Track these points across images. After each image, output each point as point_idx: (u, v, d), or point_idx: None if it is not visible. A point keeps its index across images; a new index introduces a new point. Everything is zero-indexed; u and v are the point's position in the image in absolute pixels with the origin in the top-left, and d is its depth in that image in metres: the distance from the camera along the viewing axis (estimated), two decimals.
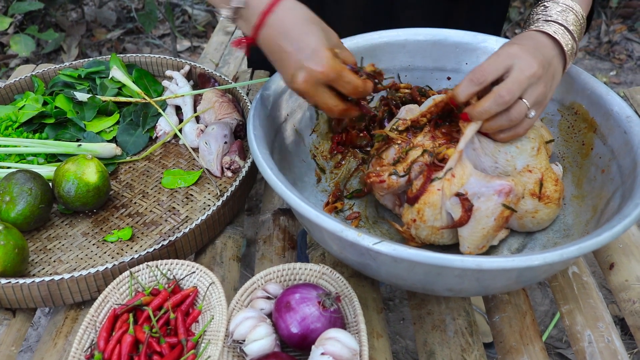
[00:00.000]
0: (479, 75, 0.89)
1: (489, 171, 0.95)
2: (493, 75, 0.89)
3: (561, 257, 0.77)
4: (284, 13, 0.89)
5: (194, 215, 1.09)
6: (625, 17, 3.52)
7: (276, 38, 0.89)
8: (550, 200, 0.97)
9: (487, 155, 0.95)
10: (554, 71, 0.92)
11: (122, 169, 1.20)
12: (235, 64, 2.14)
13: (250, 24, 0.91)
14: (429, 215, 0.94)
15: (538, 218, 0.98)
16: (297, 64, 0.87)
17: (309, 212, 0.82)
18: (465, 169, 0.91)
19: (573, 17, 0.96)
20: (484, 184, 0.90)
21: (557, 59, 0.94)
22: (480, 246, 0.94)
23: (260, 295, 0.90)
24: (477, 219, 0.91)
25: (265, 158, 0.90)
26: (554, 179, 0.97)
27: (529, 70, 0.87)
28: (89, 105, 1.27)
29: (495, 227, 0.92)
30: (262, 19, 0.89)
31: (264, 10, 0.89)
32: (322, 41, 0.88)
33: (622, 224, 0.81)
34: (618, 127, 1.01)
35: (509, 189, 0.90)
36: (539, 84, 0.89)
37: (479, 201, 0.90)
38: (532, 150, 0.95)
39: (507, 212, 0.91)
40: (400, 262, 0.81)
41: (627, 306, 0.98)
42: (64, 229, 1.08)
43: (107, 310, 0.91)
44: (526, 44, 0.91)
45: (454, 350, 0.92)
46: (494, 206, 0.90)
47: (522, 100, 0.88)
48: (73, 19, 3.44)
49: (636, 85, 3.08)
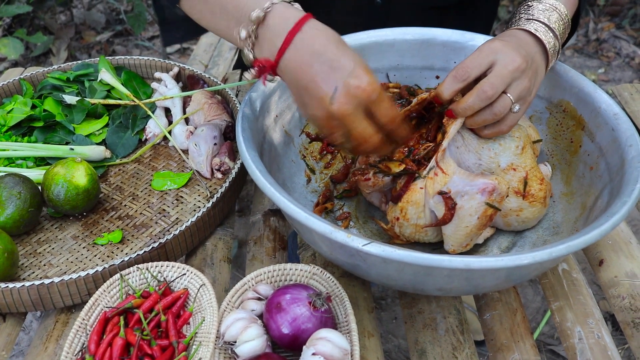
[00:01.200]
0: (462, 72, 0.89)
1: (473, 169, 0.96)
2: (476, 71, 0.89)
3: (550, 255, 0.77)
4: (313, 32, 0.82)
5: (184, 217, 1.09)
6: (612, 15, 3.53)
7: (306, 58, 0.81)
8: (535, 199, 0.97)
9: (470, 152, 0.95)
10: (537, 67, 0.93)
11: (111, 171, 1.20)
12: (225, 66, 2.14)
13: (274, 47, 0.83)
14: (412, 213, 0.94)
15: (523, 217, 0.99)
16: (334, 83, 0.79)
17: (299, 213, 0.82)
18: (448, 167, 0.92)
19: (556, 16, 0.96)
20: (468, 182, 0.90)
21: (540, 56, 0.94)
22: (464, 244, 0.94)
23: (251, 297, 0.90)
24: (460, 218, 0.91)
25: (254, 160, 0.90)
26: (540, 178, 0.97)
27: (512, 64, 0.87)
28: (78, 108, 1.27)
29: (478, 226, 0.92)
30: (288, 39, 0.82)
31: (290, 30, 0.82)
32: (359, 60, 0.81)
33: (610, 221, 0.82)
34: (606, 124, 1.01)
35: (493, 188, 0.90)
36: (523, 78, 0.89)
37: (463, 199, 0.91)
38: (516, 149, 0.95)
39: (491, 210, 0.91)
40: (390, 263, 0.81)
41: (616, 302, 0.99)
42: (53, 233, 1.07)
43: (97, 314, 0.91)
44: (509, 40, 0.92)
45: (445, 348, 0.93)
46: (477, 205, 0.90)
47: (506, 94, 0.88)
48: (62, 22, 3.43)
49: (624, 83, 3.10)
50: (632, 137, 0.96)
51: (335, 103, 0.79)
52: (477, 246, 1.03)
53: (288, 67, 0.83)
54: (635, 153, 0.93)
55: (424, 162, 0.94)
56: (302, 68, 0.81)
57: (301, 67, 0.81)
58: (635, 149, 0.94)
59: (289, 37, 0.82)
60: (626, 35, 3.39)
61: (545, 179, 0.99)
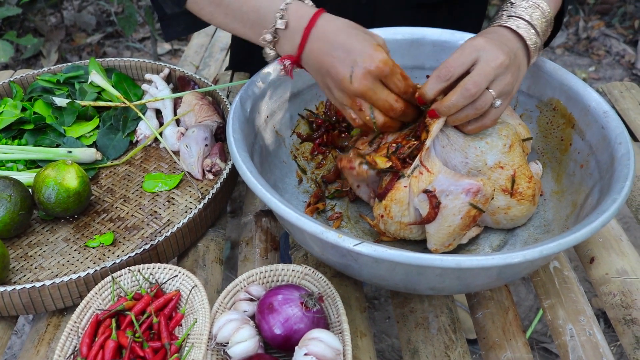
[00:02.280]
0: (445, 72, 0.90)
1: (460, 167, 0.96)
2: (460, 70, 0.89)
3: (541, 253, 0.78)
4: (326, 25, 0.92)
5: (176, 218, 1.09)
6: (602, 14, 3.55)
7: (323, 48, 0.91)
8: (523, 197, 0.97)
9: (456, 150, 0.96)
10: (520, 63, 0.94)
11: (102, 173, 1.20)
12: (216, 67, 2.14)
13: (294, 43, 0.93)
14: (396, 211, 0.94)
15: (511, 215, 0.99)
16: (350, 64, 0.88)
17: (290, 214, 0.82)
18: (434, 166, 0.92)
19: (539, 14, 0.97)
20: (453, 182, 0.90)
21: (522, 52, 0.95)
22: (447, 244, 0.95)
23: (243, 298, 0.90)
24: (444, 217, 0.91)
25: (244, 161, 0.90)
26: (528, 177, 0.98)
27: (495, 61, 0.88)
28: (68, 110, 1.26)
29: (461, 226, 0.92)
30: (305, 34, 0.92)
31: (306, 26, 0.92)
32: (370, 40, 0.90)
33: (600, 219, 0.82)
34: (595, 122, 1.02)
35: (477, 189, 0.90)
36: (506, 74, 0.90)
37: (447, 199, 0.91)
38: (503, 147, 0.96)
39: (474, 211, 0.91)
40: (381, 263, 0.81)
41: (607, 299, 0.99)
42: (44, 236, 1.07)
43: (89, 316, 0.91)
44: (491, 36, 0.93)
45: (437, 347, 0.93)
46: (461, 205, 0.91)
47: (488, 90, 0.89)
48: (52, 24, 3.42)
49: (614, 81, 3.11)
50: (622, 135, 0.96)
51: (354, 81, 0.88)
52: (468, 245, 1.03)
53: (309, 59, 0.93)
54: (625, 151, 0.94)
55: (409, 160, 0.94)
56: (320, 57, 0.91)
57: (320, 57, 0.91)
58: (624, 147, 0.94)
59: (306, 33, 0.92)
60: (616, 34, 3.41)
61: (534, 177, 0.99)
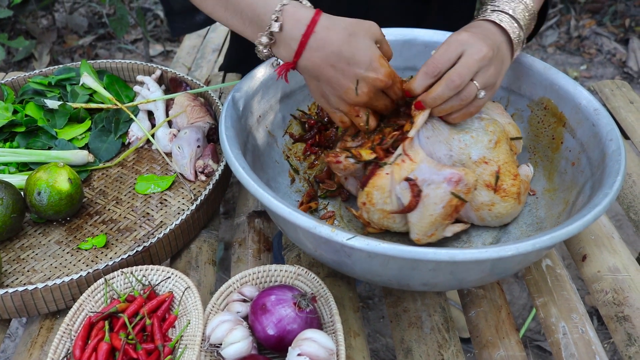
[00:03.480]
0: (432, 68, 0.91)
1: (444, 159, 0.96)
2: (446, 65, 0.91)
3: (534, 246, 0.78)
4: (325, 33, 0.88)
5: (169, 220, 1.09)
6: (593, 12, 3.56)
7: (323, 58, 0.88)
8: (507, 194, 0.98)
9: (441, 142, 0.96)
10: (503, 56, 0.95)
11: (95, 175, 1.20)
12: (208, 68, 2.14)
13: (291, 49, 0.89)
14: (378, 198, 0.95)
15: (495, 212, 0.99)
16: (354, 76, 0.89)
17: (282, 209, 0.82)
18: (417, 155, 0.93)
19: (522, 7, 0.98)
20: (435, 171, 0.91)
21: (505, 45, 0.96)
22: (429, 234, 0.95)
23: (236, 299, 0.90)
24: (425, 205, 0.92)
25: (237, 158, 0.90)
26: (513, 174, 0.98)
27: (479, 54, 0.90)
28: (60, 113, 1.26)
29: (443, 215, 0.93)
30: (303, 42, 0.88)
31: (303, 33, 0.88)
32: (370, 50, 0.89)
33: (593, 213, 0.83)
34: (586, 120, 1.02)
35: (459, 178, 0.91)
36: (490, 66, 0.91)
37: (429, 188, 0.91)
38: (488, 143, 0.96)
39: (456, 200, 0.92)
40: (375, 257, 0.81)
41: (600, 296, 0.99)
42: (37, 238, 1.07)
43: (82, 319, 0.91)
44: (475, 31, 0.94)
45: (430, 346, 0.93)
46: (442, 194, 0.91)
47: (472, 82, 0.91)
48: (44, 26, 3.41)
49: (606, 79, 3.12)
50: (612, 132, 0.97)
51: (361, 95, 0.90)
52: (461, 242, 1.03)
53: (307, 67, 0.90)
54: (616, 147, 0.94)
55: (392, 150, 0.95)
56: (320, 67, 0.89)
57: (320, 67, 0.89)
58: (615, 143, 0.95)
59: (304, 40, 0.88)
60: (607, 32, 3.42)
61: (519, 176, 0.99)
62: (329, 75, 0.89)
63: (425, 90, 0.93)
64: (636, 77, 3.12)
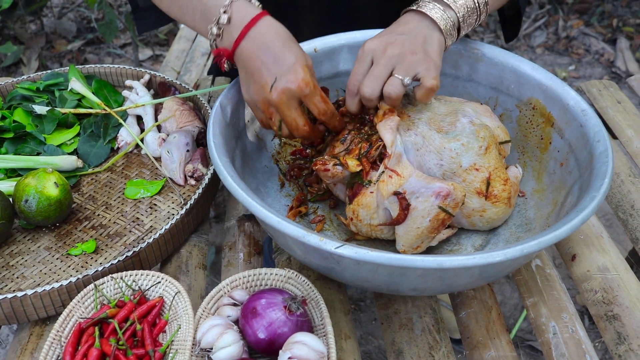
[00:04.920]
0: (352, 87, 0.96)
1: (435, 169, 0.96)
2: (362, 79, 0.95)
3: (521, 252, 0.78)
4: (265, 28, 0.94)
5: (158, 224, 1.08)
6: (581, 13, 3.58)
7: (255, 50, 0.93)
8: (498, 199, 0.98)
9: (431, 152, 0.96)
10: (425, 37, 0.95)
11: (84, 181, 1.19)
12: (197, 72, 2.14)
13: (231, 38, 0.95)
14: (364, 215, 0.96)
15: (487, 217, 0.99)
16: (275, 74, 0.92)
17: (271, 218, 0.82)
18: (404, 170, 0.93)
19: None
20: (424, 184, 0.91)
21: (427, 28, 0.96)
22: (415, 246, 0.95)
23: (226, 303, 0.90)
24: (412, 218, 0.92)
25: (225, 166, 0.90)
26: (503, 179, 0.98)
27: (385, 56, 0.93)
28: (49, 118, 1.25)
29: (430, 229, 0.93)
30: (243, 32, 0.94)
31: (246, 24, 0.94)
32: (300, 58, 0.93)
33: (580, 216, 0.83)
34: (574, 120, 1.02)
35: (447, 193, 0.91)
36: (405, 57, 0.92)
37: (417, 201, 0.92)
38: (479, 149, 0.96)
39: (443, 215, 0.92)
40: (363, 265, 0.81)
41: (589, 296, 1.00)
42: (26, 245, 1.06)
43: (72, 325, 0.90)
44: (383, 32, 0.97)
45: (421, 348, 0.93)
46: (430, 207, 0.92)
47: (394, 76, 0.92)
48: (32, 31, 3.40)
49: (594, 79, 3.14)
50: (600, 133, 0.97)
51: (273, 92, 0.92)
52: (451, 245, 1.03)
53: (241, 56, 0.95)
54: (603, 148, 0.94)
55: (379, 163, 0.95)
56: (251, 57, 0.94)
57: (251, 57, 0.94)
58: (603, 144, 0.95)
59: (244, 31, 0.94)
60: (595, 32, 3.44)
61: (509, 180, 0.99)
62: (255, 66, 0.93)
63: (359, 107, 0.97)
64: (624, 77, 3.13)
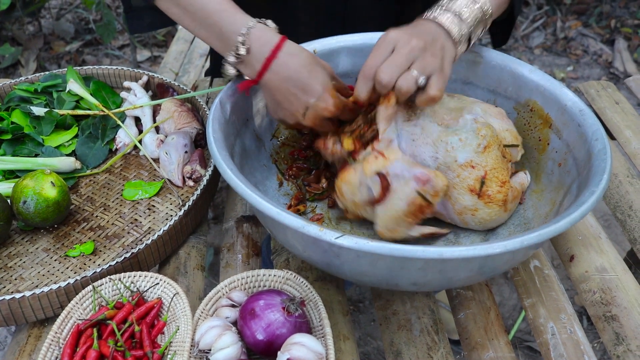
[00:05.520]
0: (368, 72, 0.93)
1: (429, 161, 0.97)
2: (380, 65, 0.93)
3: (522, 244, 0.78)
4: (287, 59, 0.96)
5: (157, 226, 1.08)
6: (579, 14, 3.58)
7: (282, 81, 0.97)
8: (491, 200, 0.98)
9: (428, 144, 0.97)
10: (443, 45, 0.95)
11: (82, 182, 1.19)
12: (196, 73, 2.14)
13: (254, 69, 0.98)
14: (346, 191, 0.99)
15: (479, 217, 0.99)
16: (305, 104, 0.97)
17: (270, 209, 0.82)
18: (391, 154, 0.94)
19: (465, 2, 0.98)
20: (407, 168, 0.93)
21: (443, 37, 0.96)
22: (390, 228, 0.96)
23: (224, 304, 0.90)
24: (391, 199, 0.94)
25: (225, 160, 0.90)
26: (501, 181, 0.98)
27: (407, 46, 0.91)
28: (47, 120, 1.25)
29: (407, 213, 0.94)
30: (265, 65, 0.96)
31: (267, 57, 0.96)
32: (326, 83, 0.97)
33: (580, 210, 0.83)
34: (572, 120, 1.03)
35: (427, 178, 0.92)
36: (425, 54, 0.92)
37: (398, 183, 0.93)
38: (477, 147, 0.96)
39: (420, 200, 0.93)
40: (363, 257, 0.81)
41: (588, 297, 1.00)
42: (24, 246, 1.06)
43: (70, 326, 0.90)
44: (404, 28, 0.96)
45: (420, 349, 0.93)
46: (409, 191, 0.92)
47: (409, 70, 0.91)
48: (30, 32, 3.40)
49: (592, 79, 3.14)
50: (598, 132, 0.97)
51: (307, 120, 0.99)
52: (449, 242, 1.03)
53: (267, 86, 0.99)
54: (602, 146, 0.95)
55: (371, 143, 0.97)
56: (278, 89, 0.97)
57: (278, 88, 0.97)
58: (601, 142, 0.95)
59: (267, 64, 0.96)
60: (593, 33, 3.44)
61: (508, 183, 0.99)
62: (282, 97, 0.98)
63: (369, 95, 0.95)
64: (622, 78, 3.14)
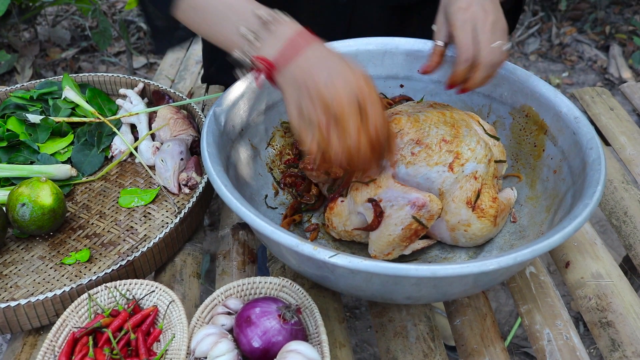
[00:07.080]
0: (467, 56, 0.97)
1: (435, 177, 0.97)
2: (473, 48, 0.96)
3: (515, 260, 0.78)
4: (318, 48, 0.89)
5: (153, 233, 1.08)
6: (574, 20, 3.59)
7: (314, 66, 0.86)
8: (484, 214, 0.98)
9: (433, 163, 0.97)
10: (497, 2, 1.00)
11: (78, 190, 1.19)
12: (192, 80, 2.13)
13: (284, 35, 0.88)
14: (337, 222, 1.01)
15: (470, 232, 0.99)
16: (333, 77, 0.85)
17: (265, 228, 0.82)
18: (382, 181, 0.95)
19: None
20: (401, 193, 0.93)
21: None
22: (386, 252, 0.96)
23: (220, 311, 0.90)
24: (386, 225, 0.94)
25: (219, 175, 0.90)
26: (492, 196, 0.98)
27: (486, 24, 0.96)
28: (42, 127, 1.25)
29: (402, 237, 0.94)
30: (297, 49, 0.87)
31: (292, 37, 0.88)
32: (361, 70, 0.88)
33: (573, 224, 0.83)
34: (567, 128, 1.03)
35: (423, 203, 0.92)
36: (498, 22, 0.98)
37: (392, 209, 0.93)
38: (484, 158, 0.97)
39: (416, 225, 0.93)
40: (357, 274, 0.81)
41: (583, 303, 1.00)
42: (20, 254, 1.06)
43: (66, 334, 0.90)
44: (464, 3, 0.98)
45: (416, 356, 0.93)
46: (404, 216, 0.93)
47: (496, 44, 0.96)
48: (26, 39, 3.39)
49: (587, 85, 3.15)
50: (593, 140, 0.98)
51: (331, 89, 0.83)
52: (445, 252, 1.04)
53: (295, 73, 0.86)
54: (596, 156, 0.95)
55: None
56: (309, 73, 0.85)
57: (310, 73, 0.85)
58: (595, 152, 0.95)
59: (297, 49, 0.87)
60: (588, 39, 3.45)
61: (498, 199, 0.99)
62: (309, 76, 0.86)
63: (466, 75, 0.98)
64: (617, 84, 3.14)
